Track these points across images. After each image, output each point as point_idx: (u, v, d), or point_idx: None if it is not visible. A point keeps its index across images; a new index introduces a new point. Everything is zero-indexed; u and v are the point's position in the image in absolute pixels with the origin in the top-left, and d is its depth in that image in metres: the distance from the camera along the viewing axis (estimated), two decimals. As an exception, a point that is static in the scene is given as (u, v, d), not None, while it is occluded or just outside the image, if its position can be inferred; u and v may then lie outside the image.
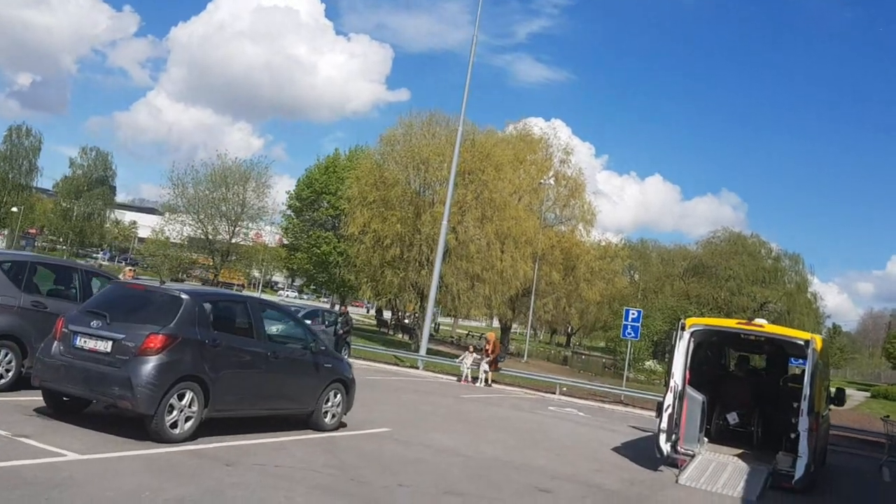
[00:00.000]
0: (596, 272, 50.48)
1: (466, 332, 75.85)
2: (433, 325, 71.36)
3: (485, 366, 22.04)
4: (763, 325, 11.34)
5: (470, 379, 22.14)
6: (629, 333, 23.88)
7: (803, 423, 10.26)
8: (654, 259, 69.57)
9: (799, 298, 59.85)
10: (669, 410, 11.02)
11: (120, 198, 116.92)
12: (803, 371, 13.13)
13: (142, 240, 74.18)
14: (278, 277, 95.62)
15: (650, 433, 16.29)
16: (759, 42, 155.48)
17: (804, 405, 10.30)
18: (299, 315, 22.12)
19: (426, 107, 35.09)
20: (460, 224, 33.89)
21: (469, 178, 34.45)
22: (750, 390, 12.58)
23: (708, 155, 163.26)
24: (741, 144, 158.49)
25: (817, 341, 10.74)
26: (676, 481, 10.04)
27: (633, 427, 16.89)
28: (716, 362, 13.81)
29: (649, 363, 56.32)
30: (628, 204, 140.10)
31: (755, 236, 65.59)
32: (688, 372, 11.49)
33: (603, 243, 54.69)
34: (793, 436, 11.15)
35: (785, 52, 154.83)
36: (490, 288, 34.58)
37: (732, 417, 12.55)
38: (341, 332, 21.00)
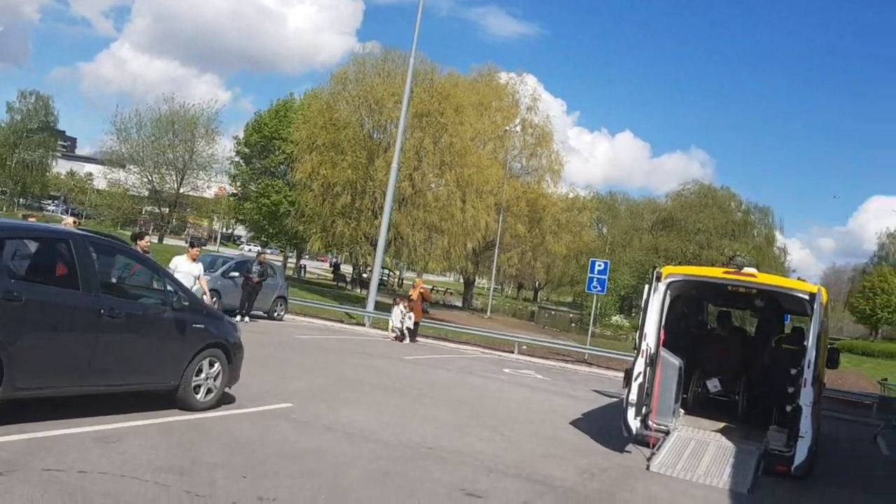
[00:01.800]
0: (563, 225, 48.54)
1: (430, 286, 73.87)
2: (397, 280, 69.53)
3: (408, 320, 19.66)
4: (755, 275, 9.27)
5: (403, 334, 19.74)
6: (595, 287, 21.85)
7: (806, 396, 8.27)
8: (623, 212, 67.95)
9: (768, 252, 58.84)
10: (640, 379, 8.97)
11: (84, 150, 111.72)
12: (796, 330, 11.22)
13: (101, 192, 70.33)
14: (242, 231, 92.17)
15: (616, 398, 14.34)
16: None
17: (808, 374, 8.29)
18: (228, 265, 19.86)
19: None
20: (417, 170, 31.44)
21: (427, 121, 31.89)
22: (735, 352, 10.59)
23: (678, 111, 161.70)
24: (710, 101, 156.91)
25: (824, 294, 8.71)
26: (647, 468, 8.04)
27: (597, 391, 14.95)
28: (694, 319, 11.83)
29: (616, 318, 55.09)
30: (599, 160, 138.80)
31: (725, 189, 64.35)
32: (662, 331, 9.46)
33: (571, 195, 52.66)
34: (788, 408, 9.23)
35: (752, 8, 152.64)
36: (449, 239, 32.35)
37: (713, 384, 10.59)
38: (256, 279, 18.40)
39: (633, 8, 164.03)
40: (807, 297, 8.70)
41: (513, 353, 20.80)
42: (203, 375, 7.55)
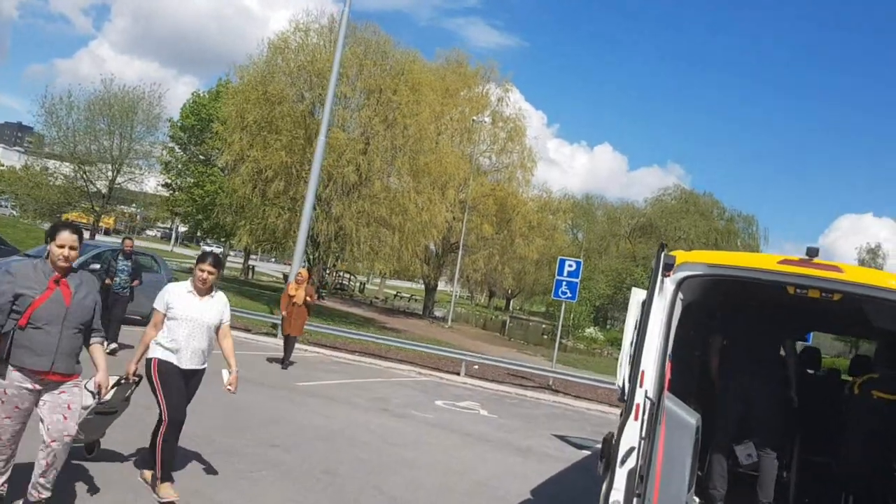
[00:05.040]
0: (534, 227, 44.25)
1: (395, 292, 69.26)
2: (359, 286, 64.70)
3: None
4: (842, 269, 5.02)
5: None
6: (564, 293, 17.57)
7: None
8: (600, 217, 63.89)
9: (752, 263, 55.27)
10: (632, 461, 4.71)
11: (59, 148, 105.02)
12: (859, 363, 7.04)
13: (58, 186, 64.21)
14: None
15: (586, 451, 10.12)
16: (704, 12, 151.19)
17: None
18: (86, 256, 15.26)
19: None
20: (364, 154, 27.05)
21: (377, 98, 27.58)
22: (783, 402, 6.37)
23: (656, 125, 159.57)
24: (687, 115, 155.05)
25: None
26: None
27: (559, 437, 10.65)
28: (716, 342, 7.55)
29: (590, 330, 51.05)
30: (577, 171, 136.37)
31: (708, 195, 60.61)
32: (668, 363, 5.21)
33: (544, 196, 48.43)
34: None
35: (732, 23, 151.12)
36: (401, 237, 27.94)
37: (745, 454, 6.36)
38: (106, 280, 13.13)
39: (614, 22, 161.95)
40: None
41: (458, 374, 16.48)
42: None
